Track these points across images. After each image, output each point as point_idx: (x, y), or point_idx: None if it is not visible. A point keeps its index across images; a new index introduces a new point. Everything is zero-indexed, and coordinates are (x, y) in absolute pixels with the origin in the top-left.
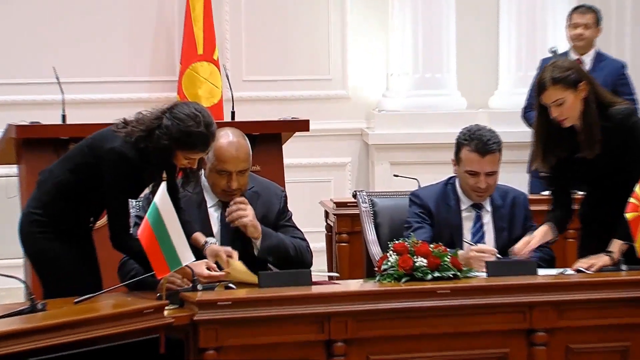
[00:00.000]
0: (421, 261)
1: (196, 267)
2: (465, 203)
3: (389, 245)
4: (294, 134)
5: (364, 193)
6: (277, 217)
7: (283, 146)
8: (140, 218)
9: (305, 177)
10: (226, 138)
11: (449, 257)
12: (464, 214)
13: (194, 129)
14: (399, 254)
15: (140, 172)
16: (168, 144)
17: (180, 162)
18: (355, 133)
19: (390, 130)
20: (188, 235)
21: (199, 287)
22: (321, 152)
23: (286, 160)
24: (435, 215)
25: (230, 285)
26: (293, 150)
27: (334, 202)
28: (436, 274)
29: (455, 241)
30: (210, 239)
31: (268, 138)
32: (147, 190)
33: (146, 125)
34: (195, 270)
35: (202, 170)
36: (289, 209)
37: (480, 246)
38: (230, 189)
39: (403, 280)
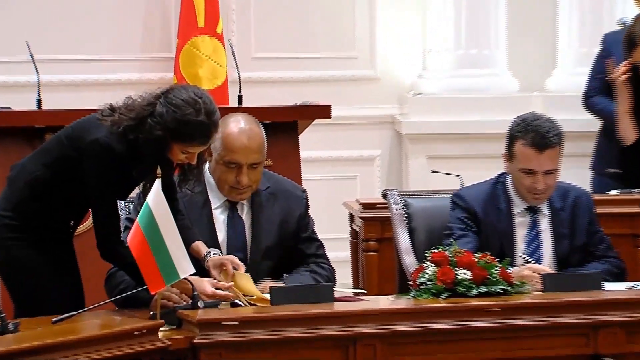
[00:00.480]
0: (464, 273)
1: (198, 281)
2: (518, 206)
3: (426, 255)
4: (313, 122)
5: (396, 192)
6: (297, 224)
7: (300, 136)
8: (132, 221)
9: (326, 174)
10: (237, 124)
11: (497, 268)
12: (517, 219)
13: (192, 118)
14: (437, 265)
15: (129, 168)
16: (162, 135)
17: (176, 157)
18: (386, 121)
19: (428, 118)
20: (187, 244)
21: (200, 304)
22: (345, 144)
23: (303, 154)
24: (483, 220)
25: (237, 302)
26: (311, 142)
27: (361, 204)
28: (482, 289)
29: (506, 252)
30: (214, 250)
31: (282, 127)
32: (137, 190)
33: (136, 112)
34: (197, 285)
35: (206, 164)
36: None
37: (535, 266)
38: (239, 185)
39: (443, 296)
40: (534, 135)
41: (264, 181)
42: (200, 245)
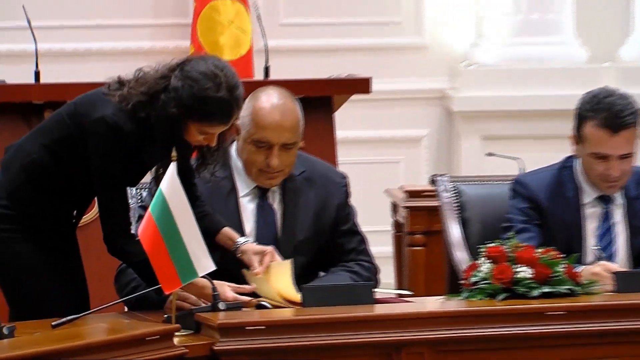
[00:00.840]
0: (524, 271)
1: (218, 285)
2: (589, 195)
3: (480, 250)
4: (350, 98)
5: (446, 178)
6: (336, 215)
7: (335, 114)
8: (146, 210)
9: (365, 157)
10: (269, 98)
11: (563, 266)
12: (587, 210)
13: (212, 94)
14: (493, 262)
15: (139, 150)
16: (177, 113)
17: (193, 138)
18: (435, 96)
19: (482, 92)
20: (212, 232)
21: (221, 305)
22: (387, 123)
23: (339, 134)
24: (547, 211)
25: (264, 303)
26: (349, 120)
27: (405, 191)
28: (545, 289)
29: (573, 247)
30: (244, 238)
31: (314, 103)
32: (149, 176)
33: (148, 86)
34: (219, 288)
35: (233, 145)
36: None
37: (608, 264)
38: (269, 168)
39: (499, 297)
40: (606, 114)
41: (299, 165)
42: (231, 231)
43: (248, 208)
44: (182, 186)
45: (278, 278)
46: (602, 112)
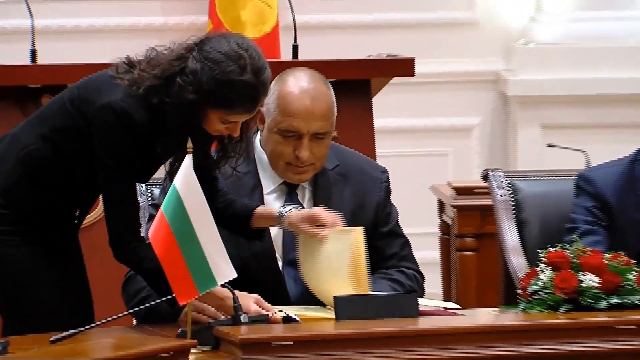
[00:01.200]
0: (590, 280)
1: (240, 297)
2: None
3: (540, 255)
4: (391, 81)
5: (500, 173)
6: (375, 215)
7: (373, 100)
8: (157, 209)
9: (408, 148)
10: (298, 81)
11: (635, 273)
12: None
13: (235, 77)
14: (555, 269)
15: (151, 141)
16: (196, 99)
17: (213, 127)
18: (487, 79)
19: (542, 75)
20: (245, 216)
21: (244, 318)
22: (433, 109)
23: (378, 122)
24: (617, 211)
25: (292, 316)
26: (389, 107)
27: (454, 188)
28: (614, 300)
29: None
30: (287, 207)
31: (350, 87)
32: (162, 171)
33: (162, 69)
34: (241, 300)
35: (257, 136)
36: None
37: None
38: (298, 161)
39: (562, 309)
40: None
41: (332, 158)
42: (266, 208)
43: (274, 207)
44: (199, 182)
45: (338, 264)
46: None
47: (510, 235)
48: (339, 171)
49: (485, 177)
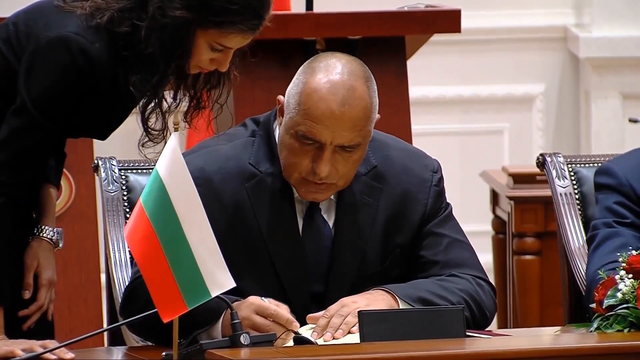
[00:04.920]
0: None
1: (238, 306)
2: None
3: (619, 260)
4: (431, 39)
5: (561, 159)
6: (418, 229)
7: (408, 62)
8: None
9: (453, 124)
10: (328, 74)
11: None
12: None
13: None
14: (638, 277)
15: (113, 86)
16: (184, 16)
17: (198, 58)
18: (553, 36)
19: (622, 31)
20: None
21: (244, 339)
22: (484, 75)
23: (414, 91)
24: None
25: (305, 336)
26: (429, 72)
27: (510, 174)
28: None
29: None
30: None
31: (379, 47)
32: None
33: None
34: (241, 313)
35: (276, 129)
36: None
37: None
38: (315, 177)
39: None
40: None
41: (369, 157)
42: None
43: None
44: (183, 161)
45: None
46: None
47: (576, 236)
48: (376, 174)
49: (541, 164)
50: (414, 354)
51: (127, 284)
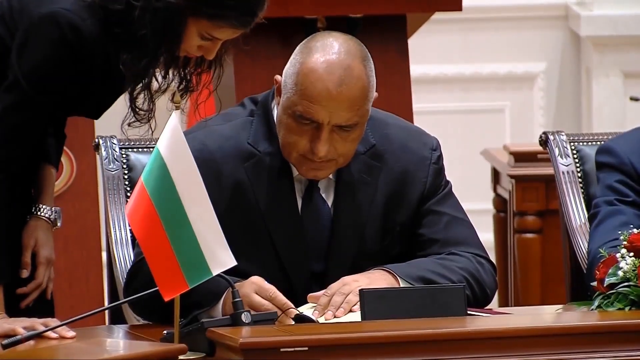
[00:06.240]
0: None
1: (243, 286)
2: None
3: (620, 238)
4: (431, 17)
5: (564, 137)
6: (417, 208)
7: (410, 41)
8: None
9: (454, 102)
10: (325, 53)
11: None
12: None
13: None
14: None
15: (105, 64)
16: (180, 3)
17: (187, 43)
18: (554, 14)
19: (624, 9)
20: None
21: (245, 317)
22: (485, 54)
23: (415, 69)
24: None
25: (306, 314)
26: (430, 50)
27: (511, 153)
28: None
29: None
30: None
31: (380, 24)
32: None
33: None
34: (242, 291)
35: (274, 108)
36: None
37: None
38: (314, 155)
39: None
40: None
41: (367, 136)
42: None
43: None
44: (184, 138)
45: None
46: None
47: (578, 215)
48: (375, 153)
49: (544, 142)
50: (415, 332)
51: (130, 264)
